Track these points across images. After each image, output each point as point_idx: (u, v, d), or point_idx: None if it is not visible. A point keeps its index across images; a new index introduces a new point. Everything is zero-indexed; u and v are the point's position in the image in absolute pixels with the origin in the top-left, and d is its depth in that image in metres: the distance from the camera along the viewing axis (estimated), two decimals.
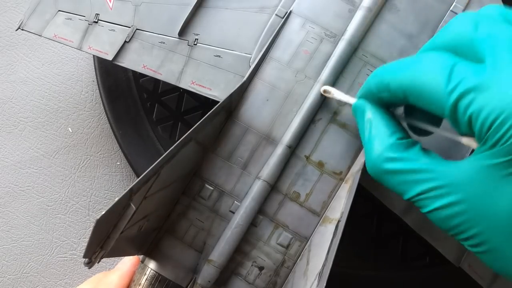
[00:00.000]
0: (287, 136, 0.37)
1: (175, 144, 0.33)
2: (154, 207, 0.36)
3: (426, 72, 0.28)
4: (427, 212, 0.29)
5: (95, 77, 0.51)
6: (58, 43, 0.43)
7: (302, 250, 0.38)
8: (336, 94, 0.36)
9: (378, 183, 0.32)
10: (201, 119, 0.34)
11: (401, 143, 0.31)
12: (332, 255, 0.33)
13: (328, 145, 0.38)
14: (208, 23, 0.40)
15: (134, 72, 0.50)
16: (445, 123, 0.30)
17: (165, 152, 0.33)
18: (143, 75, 0.50)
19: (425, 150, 0.30)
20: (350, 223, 0.36)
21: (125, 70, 0.50)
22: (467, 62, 0.28)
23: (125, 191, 0.31)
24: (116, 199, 0.31)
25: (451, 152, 0.38)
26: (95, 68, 0.51)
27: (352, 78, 0.38)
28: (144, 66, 0.40)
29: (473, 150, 0.29)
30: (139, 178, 0.32)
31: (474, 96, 0.26)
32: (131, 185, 0.31)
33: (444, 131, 0.31)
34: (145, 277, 0.37)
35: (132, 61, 0.41)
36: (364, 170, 0.36)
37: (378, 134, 0.32)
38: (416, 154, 0.30)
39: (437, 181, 0.28)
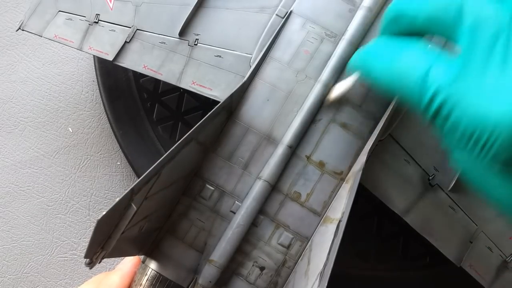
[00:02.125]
0: (288, 136, 0.37)
1: (176, 145, 0.33)
2: (155, 207, 0.36)
3: (403, 75, 0.28)
4: None
5: (95, 77, 0.51)
6: (59, 43, 0.42)
7: (303, 250, 0.38)
8: (341, 87, 0.36)
9: (379, 183, 0.32)
10: (201, 119, 0.34)
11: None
12: (333, 255, 0.33)
13: (329, 145, 0.38)
14: (209, 23, 0.40)
15: (134, 72, 0.50)
16: None
17: (166, 152, 0.33)
18: (143, 75, 0.50)
19: None
20: (351, 223, 0.36)
21: (125, 70, 0.50)
22: (442, 62, 0.26)
23: (126, 191, 0.31)
24: (117, 199, 0.31)
25: None
26: (95, 68, 0.51)
27: None
28: (144, 67, 0.40)
29: None
30: (140, 179, 0.32)
31: (450, 109, 0.25)
32: (132, 186, 0.31)
33: None
34: (146, 277, 0.37)
35: (132, 62, 0.41)
36: (364, 170, 0.36)
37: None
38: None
39: None
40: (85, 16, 0.42)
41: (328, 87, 0.37)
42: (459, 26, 0.26)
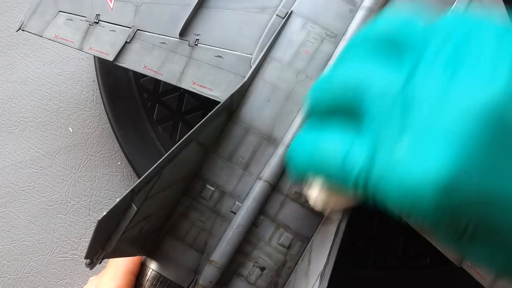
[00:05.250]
0: (288, 137, 0.37)
1: (176, 145, 0.33)
2: (156, 207, 0.36)
3: (325, 164, 0.28)
4: None
5: (95, 77, 0.51)
6: (59, 43, 0.42)
7: (303, 251, 0.38)
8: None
9: None
10: (202, 119, 0.34)
11: None
12: (334, 255, 0.33)
13: None
14: (209, 23, 0.40)
15: (134, 72, 0.50)
16: None
17: (166, 152, 0.33)
18: (143, 75, 0.50)
19: None
20: (351, 223, 0.36)
21: (125, 70, 0.50)
22: (357, 143, 0.26)
23: (127, 192, 0.31)
24: (118, 199, 0.31)
25: None
26: (95, 68, 0.51)
27: None
28: (145, 67, 0.40)
29: None
30: (140, 179, 0.32)
31: (374, 187, 0.25)
32: (133, 186, 0.31)
33: None
34: (147, 277, 0.38)
35: (133, 62, 0.41)
36: None
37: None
38: None
39: None
40: (85, 17, 0.42)
41: None
42: (359, 107, 0.26)
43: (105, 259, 0.33)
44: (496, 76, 0.23)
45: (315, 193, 0.34)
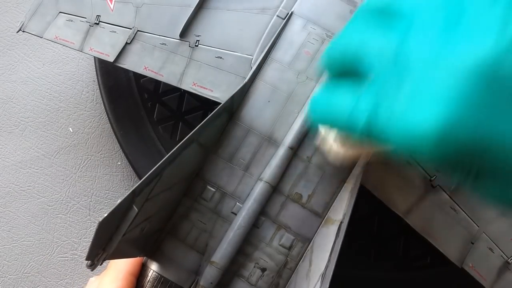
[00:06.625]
0: (289, 137, 0.37)
1: (177, 146, 0.33)
2: (156, 209, 0.36)
3: (338, 116, 0.30)
4: None
5: (95, 77, 0.51)
6: (59, 44, 0.42)
7: (304, 252, 0.38)
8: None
9: (380, 184, 0.32)
10: (202, 119, 0.34)
11: None
12: (335, 256, 0.33)
13: None
14: (210, 24, 0.40)
15: (135, 72, 0.50)
16: None
17: (166, 152, 0.33)
18: (144, 75, 0.50)
19: None
20: (352, 223, 0.36)
21: (126, 70, 0.50)
22: (364, 94, 0.28)
23: (127, 193, 0.31)
24: (118, 201, 0.31)
25: None
26: (95, 68, 0.51)
27: None
28: (145, 68, 0.40)
29: None
30: (141, 180, 0.32)
31: (380, 134, 0.27)
32: (133, 187, 0.31)
33: None
34: (147, 278, 0.38)
35: (133, 63, 0.41)
36: (365, 171, 0.36)
37: None
38: None
39: None
40: (85, 18, 0.42)
41: None
42: (362, 67, 0.29)
43: (106, 260, 0.33)
44: (488, 33, 0.24)
45: (331, 144, 0.35)
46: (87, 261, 0.31)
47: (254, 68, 0.38)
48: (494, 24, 0.24)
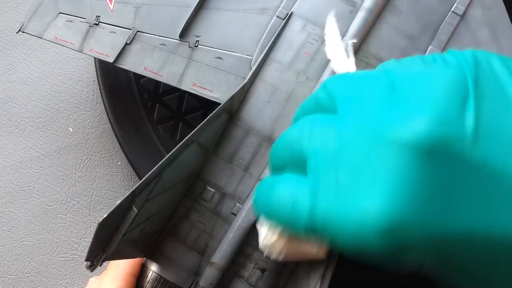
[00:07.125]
0: None
1: (176, 147, 0.33)
2: (156, 209, 0.36)
3: (278, 210, 0.29)
4: None
5: (96, 77, 0.51)
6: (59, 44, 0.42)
7: None
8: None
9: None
10: (202, 119, 0.34)
11: None
12: (335, 257, 0.33)
13: None
14: (209, 25, 0.40)
15: (135, 72, 0.50)
16: None
17: (166, 152, 0.33)
18: (143, 75, 0.50)
19: None
20: None
21: (126, 70, 0.50)
22: (303, 190, 0.27)
23: (127, 193, 0.31)
24: (118, 201, 0.31)
25: None
26: (95, 68, 0.51)
27: None
28: (145, 68, 0.40)
29: None
30: (141, 181, 0.32)
31: (322, 229, 0.26)
32: (133, 188, 0.31)
33: None
34: (147, 279, 0.38)
35: (133, 63, 0.41)
36: None
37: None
38: None
39: None
40: (85, 18, 0.42)
41: None
42: (303, 160, 0.28)
43: (105, 261, 0.33)
44: (420, 111, 0.23)
45: (269, 239, 0.34)
46: (86, 262, 0.31)
47: (254, 68, 0.38)
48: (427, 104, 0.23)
